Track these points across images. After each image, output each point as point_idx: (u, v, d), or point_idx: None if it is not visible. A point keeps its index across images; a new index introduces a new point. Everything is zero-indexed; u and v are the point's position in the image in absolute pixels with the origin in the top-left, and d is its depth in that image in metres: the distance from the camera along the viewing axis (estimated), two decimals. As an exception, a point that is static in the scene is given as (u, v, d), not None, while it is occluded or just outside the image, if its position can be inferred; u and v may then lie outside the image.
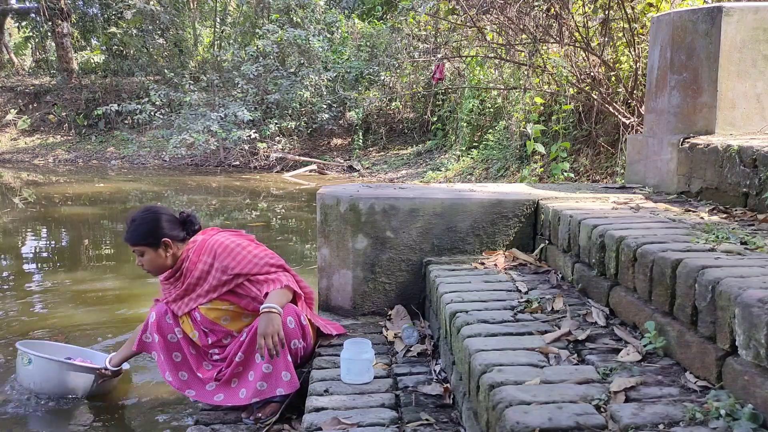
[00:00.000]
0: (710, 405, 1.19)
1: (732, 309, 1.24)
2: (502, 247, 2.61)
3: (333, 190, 2.74)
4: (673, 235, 1.79)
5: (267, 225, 7.04)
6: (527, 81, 7.31)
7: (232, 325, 2.33)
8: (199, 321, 2.32)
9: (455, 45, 8.68)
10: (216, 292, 2.29)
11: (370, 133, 14.02)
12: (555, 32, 5.94)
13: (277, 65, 13.53)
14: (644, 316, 1.61)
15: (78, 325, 3.66)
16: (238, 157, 13.54)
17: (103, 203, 8.87)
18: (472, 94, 10.27)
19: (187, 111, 13.28)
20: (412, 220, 2.57)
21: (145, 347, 2.40)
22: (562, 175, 6.09)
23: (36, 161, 15.17)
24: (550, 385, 1.35)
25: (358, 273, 2.61)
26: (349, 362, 2.02)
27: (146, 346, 2.39)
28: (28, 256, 5.62)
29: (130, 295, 4.31)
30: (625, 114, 5.74)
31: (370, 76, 13.72)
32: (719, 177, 2.32)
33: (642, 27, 5.29)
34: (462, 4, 6.38)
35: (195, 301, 2.32)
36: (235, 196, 9.55)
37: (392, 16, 12.17)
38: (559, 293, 2.01)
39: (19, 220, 7.39)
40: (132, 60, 17.69)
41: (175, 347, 2.34)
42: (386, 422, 1.70)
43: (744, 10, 2.61)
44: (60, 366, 2.63)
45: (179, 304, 2.36)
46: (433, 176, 10.03)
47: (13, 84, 17.68)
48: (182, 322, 2.35)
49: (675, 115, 2.76)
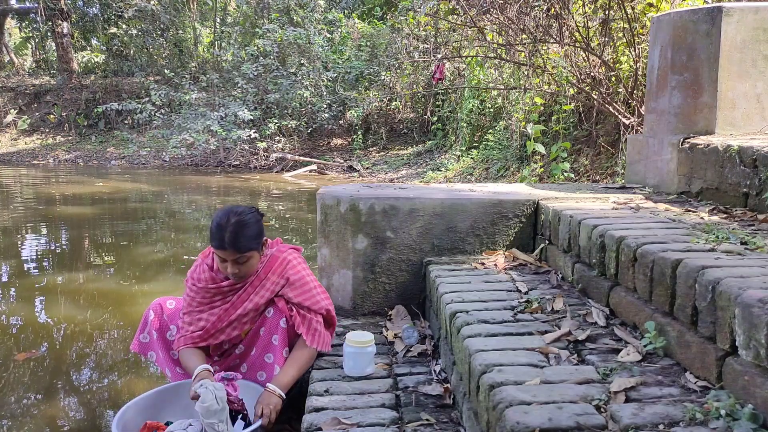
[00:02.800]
0: (710, 405, 1.19)
1: (732, 309, 1.24)
2: (502, 247, 2.61)
3: (333, 190, 2.74)
4: (673, 235, 1.79)
5: (267, 225, 7.04)
6: (527, 81, 7.31)
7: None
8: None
9: (455, 45, 8.67)
10: (259, 310, 2.19)
11: (370, 133, 14.02)
12: (555, 32, 5.94)
13: (277, 65, 13.54)
14: (644, 316, 1.61)
15: (78, 324, 3.66)
16: (238, 157, 13.54)
17: (103, 203, 8.87)
18: (472, 94, 10.27)
19: (187, 111, 13.29)
20: (412, 220, 2.57)
21: (143, 348, 2.32)
22: (562, 176, 6.09)
23: (36, 161, 15.18)
24: (551, 386, 1.35)
25: (358, 273, 2.61)
26: (354, 356, 2.03)
27: (145, 347, 2.32)
28: (28, 256, 5.61)
29: (130, 295, 4.31)
30: (625, 114, 5.74)
31: (370, 76, 13.73)
32: (719, 177, 2.32)
33: (642, 27, 5.29)
34: (462, 4, 6.38)
35: (242, 326, 2.19)
36: (236, 196, 9.55)
37: (392, 16, 12.16)
38: (559, 293, 2.01)
39: (19, 220, 7.39)
40: (132, 60, 17.70)
41: (173, 344, 2.32)
42: (386, 422, 1.70)
43: (744, 10, 2.61)
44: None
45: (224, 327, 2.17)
46: (433, 176, 10.03)
47: (13, 84, 17.69)
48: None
49: (675, 116, 2.76)
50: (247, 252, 2.10)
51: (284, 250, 2.29)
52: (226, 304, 2.19)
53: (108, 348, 3.35)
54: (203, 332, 2.17)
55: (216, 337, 2.19)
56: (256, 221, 2.15)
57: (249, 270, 2.15)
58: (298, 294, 2.18)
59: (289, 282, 2.19)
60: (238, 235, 2.06)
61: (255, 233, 2.12)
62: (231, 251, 2.07)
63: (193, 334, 2.17)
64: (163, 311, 2.32)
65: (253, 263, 2.15)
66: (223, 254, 2.09)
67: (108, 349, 3.33)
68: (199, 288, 2.20)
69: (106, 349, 3.33)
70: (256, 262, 2.17)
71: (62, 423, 2.54)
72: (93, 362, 3.18)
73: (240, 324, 2.19)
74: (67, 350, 3.30)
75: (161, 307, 2.33)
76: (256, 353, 2.21)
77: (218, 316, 2.18)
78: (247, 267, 2.14)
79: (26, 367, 3.05)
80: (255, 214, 2.16)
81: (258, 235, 2.14)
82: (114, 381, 2.94)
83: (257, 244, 2.14)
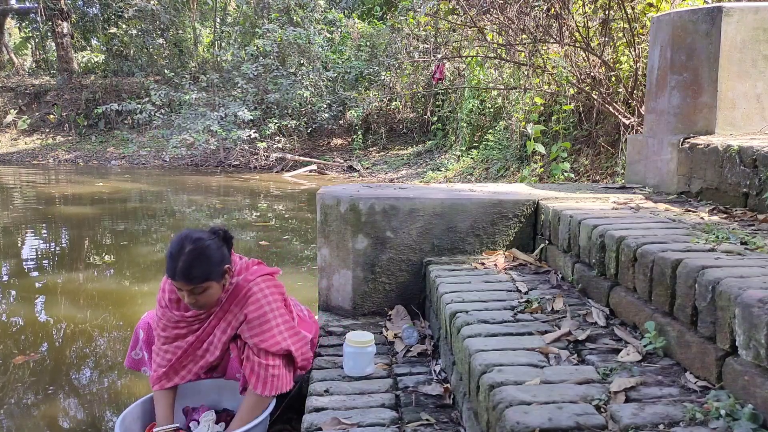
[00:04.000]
0: (710, 405, 1.19)
1: (732, 309, 1.24)
2: (502, 247, 2.61)
3: (333, 190, 2.74)
4: (673, 235, 1.79)
5: (267, 225, 7.04)
6: (527, 81, 7.31)
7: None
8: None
9: (455, 45, 8.67)
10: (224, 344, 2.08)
11: (370, 133, 14.02)
12: (555, 32, 5.94)
13: (277, 65, 13.54)
14: (644, 316, 1.61)
15: (78, 325, 3.66)
16: (238, 157, 13.55)
17: (103, 203, 8.87)
18: (472, 94, 10.27)
19: (187, 111, 13.29)
20: (412, 220, 2.57)
21: (137, 364, 2.29)
22: (562, 176, 6.09)
23: (36, 161, 15.18)
24: (550, 386, 1.35)
25: (358, 273, 2.61)
26: (354, 356, 2.03)
27: (138, 363, 2.29)
28: (28, 256, 5.61)
29: (130, 295, 4.31)
30: (625, 114, 5.74)
31: (370, 76, 13.73)
32: (719, 177, 2.32)
33: (642, 27, 5.29)
34: (462, 4, 6.38)
35: (209, 357, 2.09)
36: (235, 196, 9.55)
37: (392, 16, 12.17)
38: (559, 293, 2.01)
39: (19, 219, 7.39)
40: (132, 60, 17.70)
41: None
42: (386, 422, 1.70)
43: (744, 10, 2.61)
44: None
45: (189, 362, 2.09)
46: (433, 176, 10.03)
47: (13, 84, 17.70)
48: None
49: (675, 116, 2.76)
50: (202, 283, 1.92)
51: (251, 279, 2.07)
52: (191, 336, 2.08)
53: (108, 348, 3.35)
54: (169, 368, 2.07)
55: (184, 375, 2.09)
56: (217, 248, 1.97)
57: (209, 300, 1.98)
58: (254, 334, 2.00)
59: (247, 320, 2.02)
60: (191, 266, 1.90)
61: (213, 261, 1.94)
62: (183, 282, 1.91)
63: (159, 372, 2.08)
64: (151, 328, 2.25)
65: (212, 293, 1.98)
66: (177, 285, 1.94)
67: (108, 349, 3.33)
68: (164, 311, 2.10)
69: (106, 350, 3.33)
70: (216, 292, 1.99)
71: (62, 423, 2.54)
72: (93, 363, 3.18)
73: (207, 362, 2.10)
74: (66, 350, 3.30)
75: (149, 324, 2.26)
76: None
77: (183, 350, 2.08)
78: (206, 297, 1.97)
79: (26, 368, 3.05)
80: (215, 240, 1.99)
81: (218, 263, 1.96)
82: (114, 381, 2.94)
83: (216, 274, 1.95)
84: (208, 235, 1.99)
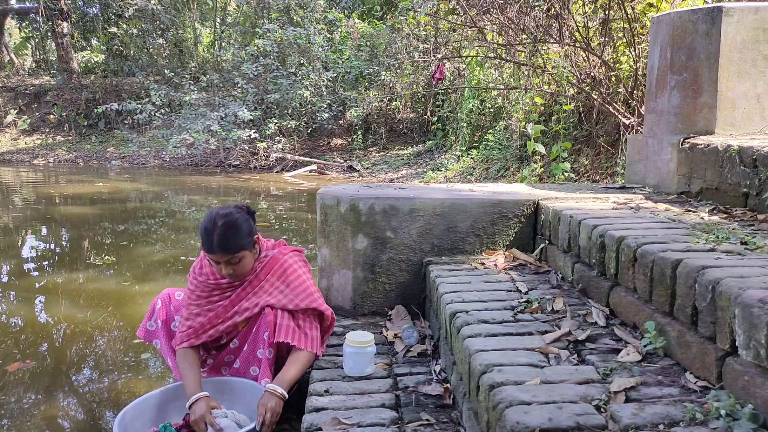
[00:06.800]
0: (710, 405, 1.19)
1: (732, 309, 1.24)
2: (502, 247, 2.61)
3: (333, 190, 2.74)
4: (673, 235, 1.79)
5: (267, 225, 7.04)
6: (527, 81, 7.31)
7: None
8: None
9: (455, 45, 8.68)
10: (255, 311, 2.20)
11: (370, 133, 14.02)
12: (555, 32, 5.95)
13: (277, 65, 13.54)
14: (644, 316, 1.61)
15: (78, 325, 3.66)
16: (238, 157, 13.54)
17: (103, 203, 8.87)
18: (472, 95, 10.27)
19: (187, 111, 13.29)
20: (412, 220, 2.57)
21: (149, 335, 2.37)
22: (562, 175, 6.10)
23: (36, 161, 15.18)
24: (550, 386, 1.35)
25: (358, 273, 2.61)
26: (354, 356, 2.03)
27: (150, 335, 2.37)
28: (28, 256, 5.62)
29: (130, 296, 4.31)
30: (625, 114, 5.74)
31: (370, 76, 13.72)
32: (719, 177, 2.32)
33: (642, 27, 5.29)
34: (462, 4, 6.38)
35: (231, 324, 2.20)
36: (236, 196, 9.55)
37: (392, 16, 12.17)
38: (559, 293, 2.01)
39: (19, 219, 7.39)
40: (132, 60, 17.70)
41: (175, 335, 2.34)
42: (386, 422, 1.70)
43: (744, 10, 2.61)
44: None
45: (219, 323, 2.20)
46: (433, 176, 10.03)
47: (13, 84, 17.69)
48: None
49: (675, 116, 2.76)
50: (237, 252, 2.10)
51: (286, 252, 2.28)
52: (225, 300, 2.21)
53: (108, 348, 3.34)
54: (199, 327, 2.19)
55: (211, 333, 2.21)
56: (245, 220, 2.14)
57: (244, 269, 2.16)
58: (294, 296, 2.18)
59: (290, 284, 2.19)
60: (226, 237, 2.06)
61: (244, 232, 2.11)
62: (221, 254, 2.08)
63: (188, 330, 2.19)
64: (170, 301, 2.36)
65: (247, 262, 2.15)
66: (214, 257, 2.10)
67: (108, 349, 3.33)
68: (200, 282, 2.23)
69: (106, 350, 3.33)
70: (250, 261, 2.17)
71: (62, 423, 2.54)
72: (93, 362, 3.17)
73: (235, 322, 2.21)
74: (66, 350, 3.30)
75: (170, 297, 2.37)
76: (248, 349, 2.22)
77: (215, 312, 2.20)
78: (242, 266, 2.14)
79: (25, 369, 3.05)
80: (243, 213, 2.16)
81: (248, 234, 2.13)
82: (114, 381, 2.94)
83: (248, 243, 2.13)
84: (235, 210, 2.15)
